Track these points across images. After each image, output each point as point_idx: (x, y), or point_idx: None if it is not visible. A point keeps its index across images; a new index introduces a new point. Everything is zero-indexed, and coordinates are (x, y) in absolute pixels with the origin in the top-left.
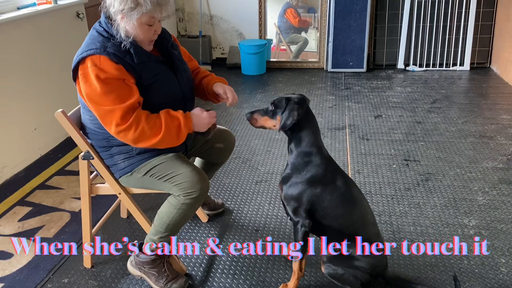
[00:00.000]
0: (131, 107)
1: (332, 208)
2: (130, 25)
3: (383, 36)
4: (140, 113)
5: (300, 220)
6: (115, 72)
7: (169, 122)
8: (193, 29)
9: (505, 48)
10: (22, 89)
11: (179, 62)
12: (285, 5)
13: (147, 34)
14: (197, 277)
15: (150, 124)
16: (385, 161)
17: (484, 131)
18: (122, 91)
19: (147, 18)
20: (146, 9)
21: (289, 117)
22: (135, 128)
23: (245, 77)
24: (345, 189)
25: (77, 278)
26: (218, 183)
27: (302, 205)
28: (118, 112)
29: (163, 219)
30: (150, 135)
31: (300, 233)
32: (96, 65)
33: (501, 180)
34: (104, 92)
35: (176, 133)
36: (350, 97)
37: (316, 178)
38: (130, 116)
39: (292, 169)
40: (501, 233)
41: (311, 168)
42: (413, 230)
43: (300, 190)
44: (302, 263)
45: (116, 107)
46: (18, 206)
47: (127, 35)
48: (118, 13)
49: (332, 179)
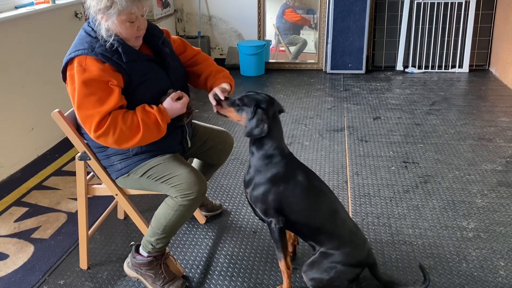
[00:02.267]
0: (109, 112)
1: (296, 203)
2: (111, 24)
3: (382, 38)
4: (115, 114)
5: (273, 220)
6: (99, 73)
7: (146, 119)
8: (192, 30)
9: (504, 50)
10: (19, 89)
11: (170, 60)
12: (283, 6)
13: (130, 31)
14: (194, 279)
15: (127, 124)
16: (383, 163)
17: (483, 133)
18: (103, 93)
19: (126, 15)
20: (121, 7)
21: (257, 127)
22: (113, 131)
23: (243, 78)
24: (307, 183)
25: (73, 279)
26: (216, 184)
27: (269, 205)
28: (96, 117)
29: (160, 221)
30: (129, 135)
31: (276, 231)
32: (82, 65)
33: (500, 183)
34: (85, 94)
35: (155, 128)
36: (349, 98)
37: (277, 177)
38: (106, 120)
39: (254, 171)
40: (500, 236)
41: (271, 168)
42: (412, 233)
43: (264, 190)
44: (287, 261)
45: (95, 111)
46: (15, 206)
47: (110, 33)
48: (97, 13)
49: (293, 175)
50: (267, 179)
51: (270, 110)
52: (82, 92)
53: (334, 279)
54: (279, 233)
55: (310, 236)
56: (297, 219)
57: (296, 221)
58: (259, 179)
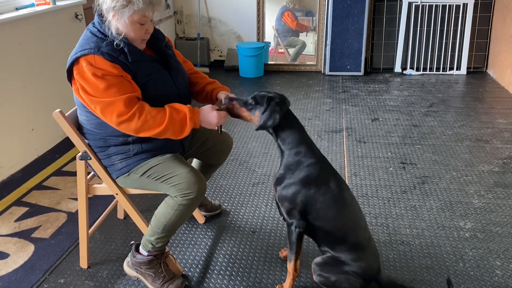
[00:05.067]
0: (133, 97)
1: (324, 210)
2: (122, 23)
3: (381, 40)
4: (143, 103)
5: (294, 222)
6: (112, 70)
7: (174, 113)
8: (191, 32)
9: (501, 52)
10: (20, 90)
11: (173, 61)
12: (282, 8)
13: (138, 32)
14: (194, 278)
15: (153, 113)
16: (381, 164)
17: (480, 135)
18: (123, 85)
19: (138, 17)
20: (138, 7)
21: (270, 119)
22: (138, 116)
23: (243, 80)
24: (338, 191)
25: (73, 278)
26: (215, 184)
27: (296, 206)
28: (120, 103)
29: (160, 220)
30: (153, 124)
31: (295, 234)
32: (92, 64)
33: (496, 184)
34: (105, 87)
35: (180, 125)
36: (347, 100)
37: (309, 179)
38: (134, 105)
39: (285, 169)
40: (497, 236)
41: (304, 168)
42: (409, 233)
43: (294, 191)
44: (297, 264)
45: (118, 98)
46: (15, 206)
47: (118, 33)
48: (110, 11)
49: (326, 180)
50: (299, 180)
51: (282, 104)
52: (102, 85)
53: (343, 283)
54: (297, 236)
55: (329, 244)
56: (323, 226)
57: (320, 228)
58: (290, 178)
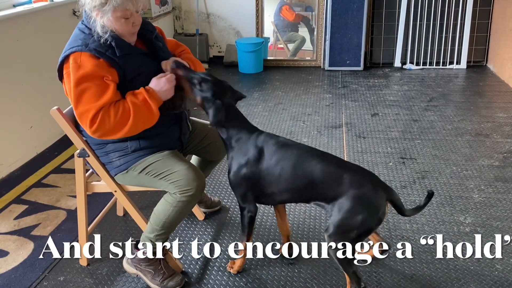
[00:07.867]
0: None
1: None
2: (107, 20)
3: (380, 35)
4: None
5: (246, 207)
6: (94, 69)
7: (134, 100)
8: (190, 27)
9: (501, 46)
10: (18, 87)
11: (163, 53)
12: (280, 3)
13: (125, 27)
14: (193, 274)
15: (119, 111)
16: (381, 159)
17: (480, 129)
18: (98, 88)
19: (121, 12)
20: (116, 3)
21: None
22: (108, 121)
23: (242, 75)
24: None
25: (73, 276)
26: (214, 181)
27: (247, 188)
28: (91, 112)
29: (159, 217)
30: (123, 121)
31: (247, 218)
32: (77, 62)
33: (497, 178)
34: (81, 90)
35: (145, 108)
36: (347, 95)
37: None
38: (99, 114)
39: (230, 158)
40: (497, 230)
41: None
42: (409, 228)
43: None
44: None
45: (91, 106)
46: (14, 204)
47: (106, 30)
48: (92, 10)
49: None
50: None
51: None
52: (78, 88)
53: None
54: (249, 221)
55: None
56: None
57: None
58: (234, 165)
